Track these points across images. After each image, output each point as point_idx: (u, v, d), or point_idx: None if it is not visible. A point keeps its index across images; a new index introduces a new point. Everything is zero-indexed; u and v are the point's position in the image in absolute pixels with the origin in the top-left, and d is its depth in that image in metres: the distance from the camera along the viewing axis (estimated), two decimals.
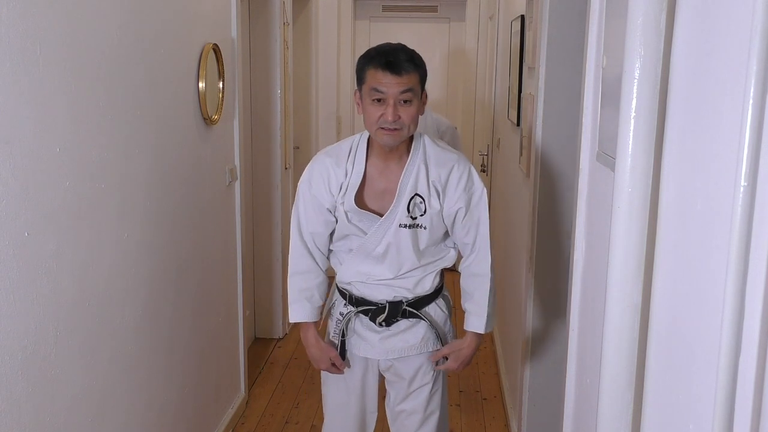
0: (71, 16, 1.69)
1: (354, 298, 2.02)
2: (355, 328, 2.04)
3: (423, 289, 2.00)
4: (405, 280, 1.97)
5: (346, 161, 1.92)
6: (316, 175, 1.94)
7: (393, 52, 1.80)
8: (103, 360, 1.90)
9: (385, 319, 1.98)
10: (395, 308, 1.98)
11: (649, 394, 0.97)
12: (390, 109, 1.77)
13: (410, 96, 1.79)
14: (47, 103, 1.59)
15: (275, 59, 3.97)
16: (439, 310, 2.08)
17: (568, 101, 2.41)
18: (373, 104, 1.79)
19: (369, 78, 1.80)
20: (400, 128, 1.80)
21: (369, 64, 1.80)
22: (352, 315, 2.02)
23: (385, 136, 1.81)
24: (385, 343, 2.01)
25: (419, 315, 2.01)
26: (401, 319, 2.00)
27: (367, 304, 2.00)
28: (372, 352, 2.02)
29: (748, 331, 0.67)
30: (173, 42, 2.40)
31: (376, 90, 1.77)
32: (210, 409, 2.88)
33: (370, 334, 2.02)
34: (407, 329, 2.02)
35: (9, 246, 1.45)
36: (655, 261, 0.96)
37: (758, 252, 0.66)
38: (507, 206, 3.74)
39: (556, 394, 2.44)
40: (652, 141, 0.94)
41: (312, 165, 1.97)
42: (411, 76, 1.79)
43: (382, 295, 1.98)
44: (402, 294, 1.99)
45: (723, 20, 0.78)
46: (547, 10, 2.41)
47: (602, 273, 1.09)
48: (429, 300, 2.04)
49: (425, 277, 2.00)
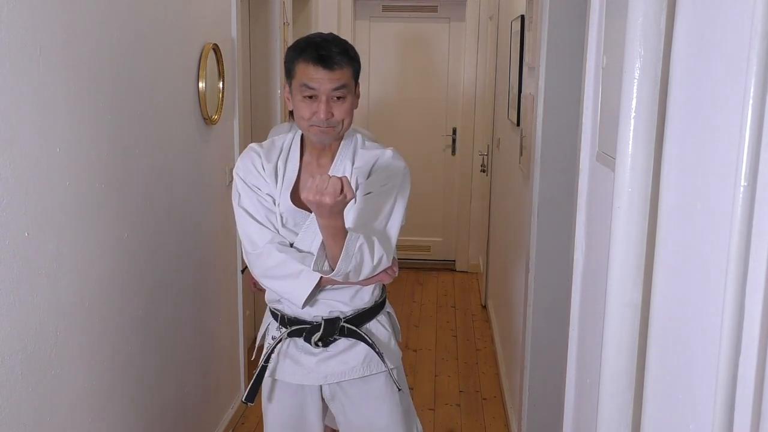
0: (71, 16, 1.69)
1: (286, 318, 1.82)
2: (287, 352, 1.83)
3: (362, 301, 1.81)
4: (340, 292, 1.78)
5: (277, 158, 1.78)
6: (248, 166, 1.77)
7: (324, 44, 1.64)
8: (103, 360, 1.90)
9: (320, 338, 1.77)
10: (332, 325, 1.78)
11: (649, 394, 0.97)
12: (322, 106, 1.64)
13: (344, 92, 1.66)
14: (47, 103, 1.59)
15: (275, 59, 3.97)
16: (381, 327, 1.87)
17: (568, 101, 2.42)
18: (304, 101, 1.66)
19: (299, 73, 1.65)
20: (334, 126, 1.68)
21: (299, 57, 1.65)
22: (285, 337, 1.82)
23: (318, 134, 1.68)
24: (322, 366, 1.81)
25: (359, 332, 1.80)
26: (339, 337, 1.80)
27: (300, 324, 1.80)
28: (308, 378, 1.82)
29: (748, 331, 0.67)
30: (173, 42, 2.40)
31: (307, 86, 1.64)
32: (210, 409, 2.88)
33: (306, 357, 1.81)
34: (347, 349, 1.81)
35: (9, 246, 1.45)
36: (655, 261, 0.96)
37: (758, 252, 0.66)
38: (507, 206, 3.74)
39: (556, 394, 2.44)
40: (652, 141, 0.94)
41: (241, 158, 1.80)
42: (344, 71, 1.65)
43: (316, 311, 1.78)
44: (338, 308, 1.79)
45: (723, 20, 0.78)
46: (547, 10, 2.41)
47: (602, 273, 1.09)
48: (370, 315, 1.84)
49: (362, 288, 1.80)
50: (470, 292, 5.28)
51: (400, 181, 1.73)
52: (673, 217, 0.90)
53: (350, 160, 1.77)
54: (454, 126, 5.65)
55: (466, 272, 5.74)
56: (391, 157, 1.77)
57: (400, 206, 1.73)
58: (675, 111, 0.92)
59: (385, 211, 1.70)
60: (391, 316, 1.94)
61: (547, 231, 2.59)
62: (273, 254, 1.70)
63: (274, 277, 1.72)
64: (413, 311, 4.82)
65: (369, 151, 1.78)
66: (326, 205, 1.46)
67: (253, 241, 1.73)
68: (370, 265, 1.61)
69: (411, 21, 5.56)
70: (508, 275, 3.59)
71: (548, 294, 2.62)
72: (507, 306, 3.63)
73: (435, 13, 5.53)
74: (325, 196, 1.44)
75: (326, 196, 1.44)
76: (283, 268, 1.70)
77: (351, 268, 1.58)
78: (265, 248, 1.71)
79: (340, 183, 1.46)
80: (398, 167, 1.75)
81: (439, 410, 3.44)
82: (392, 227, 1.71)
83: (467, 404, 3.50)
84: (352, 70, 1.69)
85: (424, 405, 3.49)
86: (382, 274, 1.72)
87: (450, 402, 3.51)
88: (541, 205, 2.58)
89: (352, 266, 1.58)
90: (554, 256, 2.58)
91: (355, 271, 1.60)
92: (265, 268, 1.72)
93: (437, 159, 5.71)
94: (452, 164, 5.70)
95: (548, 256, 2.60)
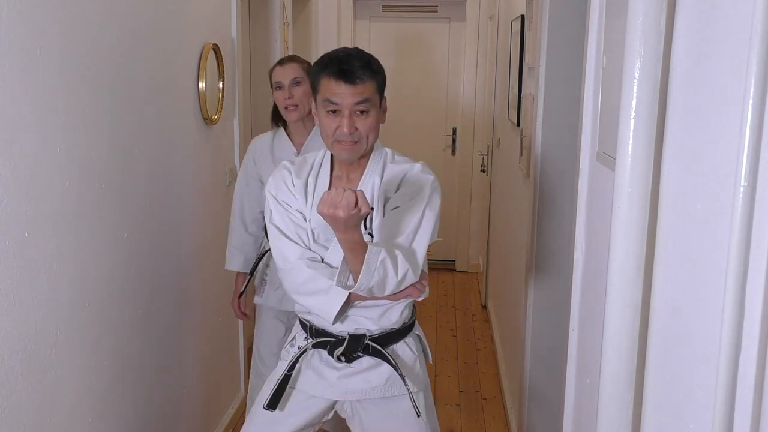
0: (71, 17, 1.69)
1: (314, 330, 1.81)
2: (311, 364, 1.82)
3: (389, 321, 1.78)
4: (368, 310, 1.76)
5: (308, 174, 1.78)
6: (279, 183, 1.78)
7: (347, 58, 1.65)
8: (103, 360, 1.90)
9: (343, 353, 1.76)
10: (356, 342, 1.76)
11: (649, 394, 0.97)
12: (345, 120, 1.64)
13: (367, 107, 1.66)
14: (47, 103, 1.59)
15: (275, 59, 3.97)
16: (408, 349, 1.84)
17: (568, 101, 2.42)
18: (328, 116, 1.66)
19: (323, 88, 1.66)
20: (358, 141, 1.67)
21: (322, 72, 1.67)
22: (310, 348, 1.81)
23: (342, 151, 1.68)
24: (344, 382, 1.79)
25: (383, 352, 1.76)
26: (363, 355, 1.77)
27: (326, 336, 1.79)
28: (329, 391, 1.80)
29: (748, 331, 0.67)
30: (173, 42, 2.40)
31: (330, 101, 1.64)
32: (210, 409, 2.89)
33: (329, 370, 1.80)
34: (370, 368, 1.78)
35: (9, 246, 1.45)
36: (655, 261, 0.96)
37: (758, 252, 0.66)
38: (507, 206, 3.74)
39: (556, 394, 2.44)
40: (652, 141, 0.94)
41: (273, 176, 1.82)
42: (367, 85, 1.65)
43: (342, 326, 1.76)
44: (365, 326, 1.77)
45: (723, 20, 0.78)
46: (547, 10, 2.41)
47: (602, 273, 1.09)
48: (397, 337, 1.81)
49: (392, 308, 1.78)
50: (470, 292, 5.28)
51: (428, 195, 1.71)
52: (673, 217, 0.90)
53: (379, 175, 1.76)
54: (454, 126, 5.65)
55: (466, 272, 5.74)
56: (420, 170, 1.76)
57: (429, 220, 1.70)
58: (675, 111, 0.92)
59: (412, 225, 1.68)
60: (420, 339, 1.92)
61: (547, 231, 2.59)
62: (303, 270, 1.71)
63: (304, 293, 1.73)
64: None
65: (398, 165, 1.78)
66: (340, 219, 1.45)
67: (284, 257, 1.74)
68: (394, 279, 1.60)
69: (411, 21, 5.56)
70: (508, 275, 3.59)
71: (548, 294, 2.62)
72: (507, 306, 3.64)
73: (435, 13, 5.53)
74: (339, 210, 1.44)
75: (340, 210, 1.44)
76: (314, 284, 1.70)
77: (374, 282, 1.58)
78: (296, 264, 1.72)
79: (354, 196, 1.44)
80: (427, 180, 1.74)
81: (439, 410, 3.44)
82: (419, 242, 1.68)
83: (467, 404, 3.50)
84: (376, 84, 1.69)
85: None
86: (411, 289, 1.71)
87: (450, 402, 3.51)
88: (541, 205, 2.58)
89: (375, 281, 1.57)
90: (554, 256, 2.58)
91: (378, 286, 1.59)
92: (297, 284, 1.73)
93: (437, 159, 5.71)
94: (452, 164, 5.70)
95: (548, 256, 2.60)
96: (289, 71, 2.43)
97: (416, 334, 1.90)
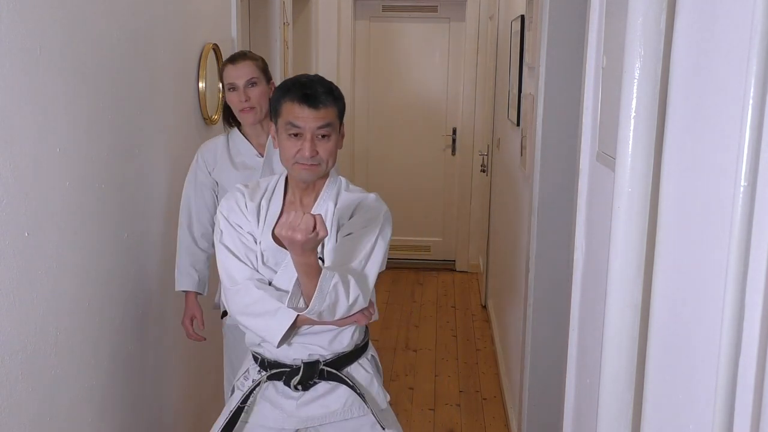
0: (71, 16, 1.69)
1: (266, 362, 1.81)
2: (266, 395, 1.82)
3: (341, 345, 1.80)
4: (318, 336, 1.77)
5: (261, 197, 1.80)
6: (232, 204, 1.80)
7: (310, 83, 1.70)
8: (103, 360, 1.90)
9: (300, 382, 1.77)
10: (311, 369, 1.77)
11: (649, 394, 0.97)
12: (307, 144, 1.67)
13: (328, 131, 1.70)
14: (47, 103, 1.59)
15: (275, 59, 3.97)
16: (362, 370, 1.85)
17: (568, 101, 2.42)
18: (290, 139, 1.69)
19: (285, 111, 1.70)
20: (318, 164, 1.71)
21: (285, 96, 1.70)
22: (264, 380, 1.81)
23: (302, 170, 1.71)
24: (302, 410, 1.79)
25: (339, 375, 1.79)
26: (319, 381, 1.79)
27: (280, 367, 1.79)
28: (288, 422, 1.80)
29: (748, 331, 0.67)
30: (173, 42, 2.40)
31: (293, 124, 1.68)
32: (210, 409, 2.88)
33: (286, 401, 1.80)
34: (327, 393, 1.80)
35: (9, 246, 1.45)
36: (655, 261, 0.96)
37: (758, 252, 0.66)
38: (507, 206, 3.74)
39: (556, 394, 2.44)
40: (652, 141, 0.94)
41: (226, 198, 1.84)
42: (329, 110, 1.70)
43: (295, 353, 1.77)
44: (317, 352, 1.78)
45: (723, 20, 0.78)
46: (547, 10, 2.42)
47: (602, 273, 1.09)
48: (350, 359, 1.83)
49: (342, 332, 1.79)
50: (470, 292, 5.28)
51: (381, 224, 1.74)
52: (673, 217, 0.90)
53: (333, 201, 1.79)
54: (454, 126, 5.65)
55: (466, 272, 5.74)
56: (374, 200, 1.80)
57: (380, 248, 1.72)
58: (675, 111, 0.92)
59: (365, 251, 1.69)
60: (374, 359, 1.93)
61: (547, 231, 2.59)
62: (251, 291, 1.71)
63: (251, 314, 1.72)
64: (413, 311, 4.82)
65: (352, 194, 1.81)
66: (298, 242, 1.46)
67: (232, 277, 1.74)
68: (345, 304, 1.61)
69: (411, 21, 5.56)
70: (508, 275, 3.59)
71: (548, 294, 2.62)
72: (507, 306, 3.64)
73: (435, 13, 5.53)
74: (297, 233, 1.45)
75: (298, 233, 1.45)
76: (261, 305, 1.70)
77: (325, 306, 1.58)
78: (244, 284, 1.72)
79: (313, 220, 1.46)
80: (380, 210, 1.77)
81: (439, 410, 3.44)
82: (370, 269, 1.70)
83: (467, 404, 3.50)
84: (337, 110, 1.73)
85: (424, 405, 3.49)
86: (358, 315, 1.71)
87: (450, 402, 3.52)
88: (541, 205, 2.58)
89: (326, 305, 1.58)
90: (554, 256, 2.58)
91: (329, 310, 1.60)
92: (243, 305, 1.72)
93: (437, 159, 5.71)
94: (452, 164, 5.70)
95: (548, 256, 2.60)
96: (243, 71, 2.26)
97: (371, 355, 1.91)
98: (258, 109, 2.28)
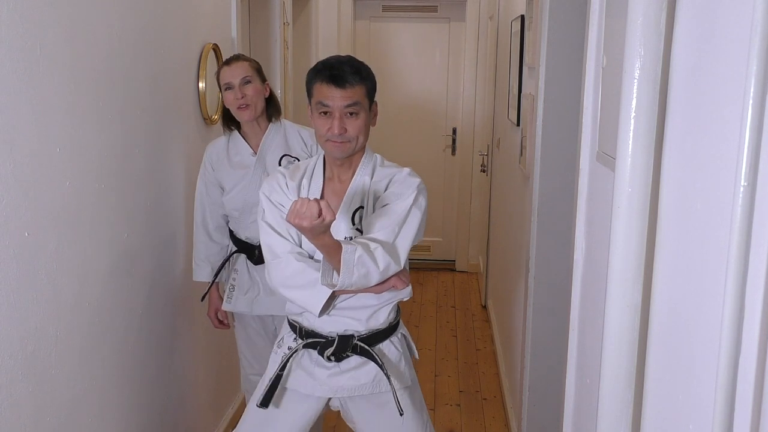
0: (71, 16, 1.69)
1: (303, 331, 1.89)
2: (301, 363, 1.90)
3: (377, 323, 1.88)
4: (357, 311, 1.86)
5: (301, 176, 1.88)
6: (273, 185, 1.87)
7: (338, 65, 1.79)
8: (103, 360, 1.90)
9: (333, 353, 1.85)
10: (345, 342, 1.86)
11: (649, 394, 0.97)
12: (336, 122, 1.76)
13: (356, 109, 1.78)
14: (47, 103, 1.59)
15: (275, 59, 3.97)
16: (393, 348, 1.93)
17: (568, 101, 2.42)
18: (321, 117, 1.79)
19: (315, 92, 1.80)
20: (348, 141, 1.79)
21: (315, 78, 1.80)
22: (300, 348, 1.89)
23: (333, 148, 1.80)
24: (333, 380, 1.88)
25: (371, 351, 1.87)
26: (352, 354, 1.87)
27: (316, 337, 1.88)
28: (319, 389, 1.89)
29: (748, 331, 0.67)
30: (173, 42, 2.40)
31: (322, 104, 1.77)
32: (210, 409, 2.89)
33: (319, 370, 1.89)
34: (358, 366, 1.88)
35: (9, 246, 1.45)
36: (655, 261, 0.96)
37: (758, 252, 0.66)
38: (507, 206, 3.74)
39: (556, 394, 2.44)
40: (652, 141, 0.94)
41: (267, 180, 1.91)
42: (356, 89, 1.78)
43: (332, 327, 1.86)
44: (353, 327, 1.87)
45: (723, 20, 0.78)
46: (547, 10, 2.42)
47: (602, 273, 1.09)
48: (383, 336, 1.91)
49: (379, 310, 1.88)
50: (470, 292, 5.28)
51: (415, 194, 1.81)
52: (673, 217, 0.90)
53: (369, 176, 1.87)
54: (454, 126, 5.65)
55: (466, 272, 5.74)
56: (408, 173, 1.88)
57: (415, 217, 1.81)
58: (675, 111, 0.92)
59: (398, 220, 1.77)
60: (404, 338, 2.01)
61: (547, 231, 2.59)
62: (291, 263, 1.79)
63: (292, 286, 1.80)
64: (413, 311, 4.82)
65: (387, 169, 1.90)
66: (306, 228, 1.54)
67: (273, 251, 1.81)
68: (376, 271, 1.69)
69: (411, 21, 5.56)
70: (508, 275, 3.59)
71: (548, 294, 2.62)
72: (507, 306, 3.64)
73: (435, 13, 5.53)
74: (303, 220, 1.52)
75: (304, 220, 1.52)
76: (301, 277, 1.78)
77: (356, 278, 1.67)
78: (285, 257, 1.79)
79: (317, 206, 1.52)
80: (414, 182, 1.85)
81: (439, 410, 3.44)
82: (403, 237, 1.78)
83: (467, 404, 3.50)
84: (365, 89, 1.80)
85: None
86: (395, 279, 1.80)
87: (450, 402, 3.52)
88: (541, 205, 2.58)
89: (356, 277, 1.66)
90: (554, 256, 2.58)
91: (361, 280, 1.69)
92: (284, 276, 1.79)
93: (437, 159, 5.71)
94: (452, 164, 5.70)
95: (548, 256, 2.60)
96: (238, 70, 2.34)
97: (401, 333, 1.99)
98: (253, 106, 2.36)
